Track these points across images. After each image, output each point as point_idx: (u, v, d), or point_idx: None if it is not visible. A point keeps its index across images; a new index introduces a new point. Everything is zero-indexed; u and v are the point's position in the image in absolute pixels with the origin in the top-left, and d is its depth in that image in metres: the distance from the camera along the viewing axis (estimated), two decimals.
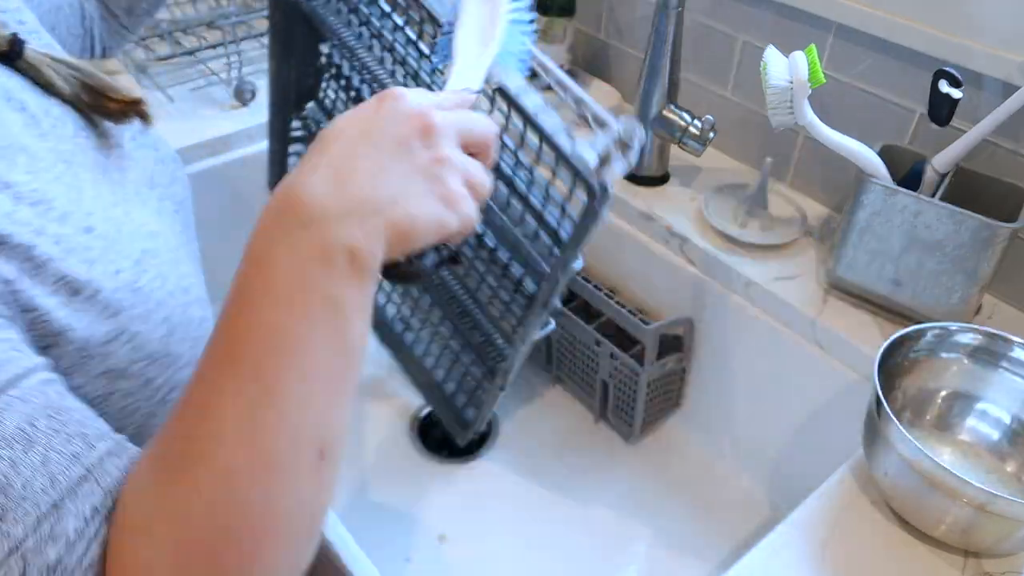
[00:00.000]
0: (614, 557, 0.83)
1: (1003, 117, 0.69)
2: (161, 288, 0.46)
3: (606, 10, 1.09)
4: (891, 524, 0.62)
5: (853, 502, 0.64)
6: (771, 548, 0.60)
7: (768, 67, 0.74)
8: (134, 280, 0.44)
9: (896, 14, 0.78)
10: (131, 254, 0.45)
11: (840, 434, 0.79)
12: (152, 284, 0.45)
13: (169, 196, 0.55)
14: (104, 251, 0.43)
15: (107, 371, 0.42)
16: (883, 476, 0.61)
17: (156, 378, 0.45)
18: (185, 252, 0.53)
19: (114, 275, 0.43)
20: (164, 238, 0.50)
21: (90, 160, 0.48)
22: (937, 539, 0.60)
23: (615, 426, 0.96)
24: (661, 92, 0.91)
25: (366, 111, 0.41)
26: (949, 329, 0.67)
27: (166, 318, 0.45)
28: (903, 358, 0.68)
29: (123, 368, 0.43)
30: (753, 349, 0.86)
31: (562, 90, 0.58)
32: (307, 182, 0.38)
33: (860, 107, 0.85)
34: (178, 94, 1.08)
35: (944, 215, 0.70)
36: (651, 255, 0.93)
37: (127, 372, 0.43)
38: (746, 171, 0.99)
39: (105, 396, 0.43)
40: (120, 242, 0.45)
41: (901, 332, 0.65)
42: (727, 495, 0.90)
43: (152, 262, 0.46)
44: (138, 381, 0.44)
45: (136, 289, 0.44)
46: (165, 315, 0.45)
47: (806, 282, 0.83)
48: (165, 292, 0.46)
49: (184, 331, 0.47)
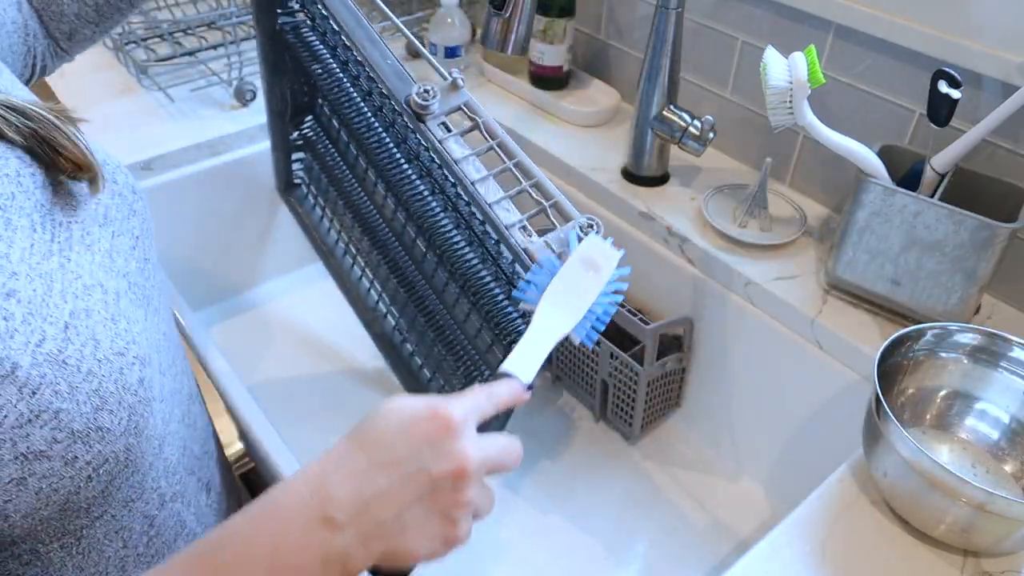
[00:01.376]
0: (614, 557, 0.83)
1: (1002, 117, 0.69)
2: (92, 356, 0.42)
3: (606, 10, 1.09)
4: (891, 524, 0.62)
5: (853, 502, 0.64)
6: (771, 548, 0.60)
7: (768, 67, 0.74)
8: (59, 351, 0.40)
9: (896, 14, 0.78)
10: (59, 318, 0.41)
11: (840, 434, 0.79)
12: (81, 352, 0.41)
13: (125, 231, 0.52)
14: (26, 319, 0.40)
15: (22, 455, 0.39)
16: (882, 476, 0.61)
17: (81, 456, 0.41)
18: (129, 301, 0.49)
19: (36, 347, 0.39)
20: (103, 291, 0.46)
21: (32, 202, 0.45)
22: (937, 539, 0.60)
23: (615, 426, 0.96)
24: (661, 92, 0.91)
25: (411, 424, 0.42)
26: (948, 329, 0.67)
27: (95, 390, 0.42)
28: (902, 358, 0.68)
29: (41, 450, 0.39)
30: (753, 349, 0.87)
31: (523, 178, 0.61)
32: (339, 492, 0.40)
33: (859, 107, 0.85)
34: (178, 94, 1.09)
35: (943, 215, 0.70)
36: (651, 255, 0.93)
37: (46, 454, 0.39)
38: (746, 171, 0.99)
39: (19, 480, 0.39)
40: (47, 306, 0.41)
41: (900, 332, 0.65)
42: (727, 495, 0.90)
43: (83, 324, 0.43)
44: (59, 462, 0.40)
45: (61, 362, 0.40)
46: (95, 387, 0.42)
47: (806, 282, 0.83)
48: (95, 360, 0.42)
49: (117, 400, 0.43)
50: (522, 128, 1.07)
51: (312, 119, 0.88)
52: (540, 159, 1.05)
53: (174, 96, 1.08)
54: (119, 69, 1.13)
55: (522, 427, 0.96)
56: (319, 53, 0.74)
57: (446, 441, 0.42)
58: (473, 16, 1.25)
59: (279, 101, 0.85)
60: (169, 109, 1.06)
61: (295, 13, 0.77)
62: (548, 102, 1.10)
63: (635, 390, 0.89)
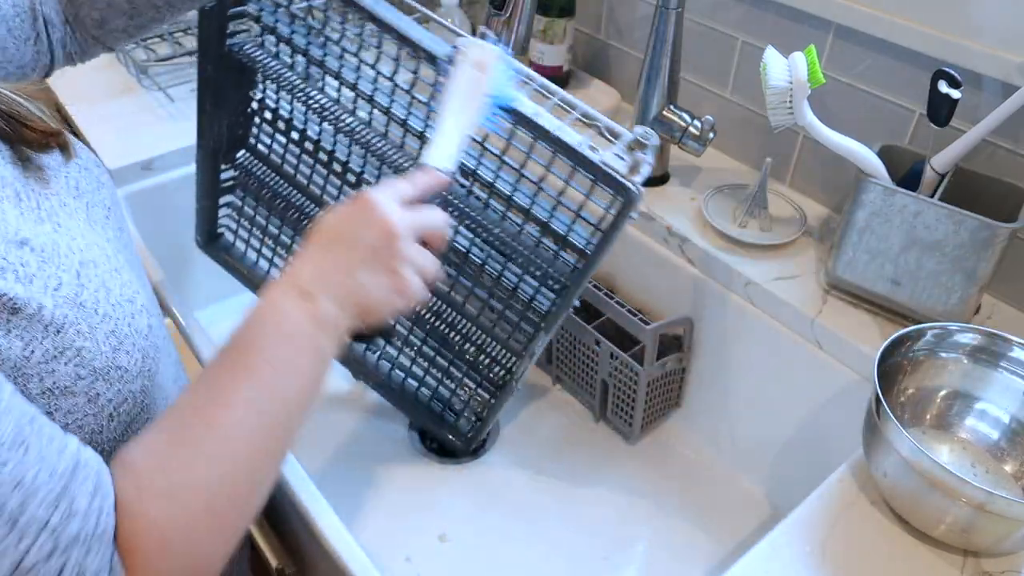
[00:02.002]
0: (614, 557, 0.83)
1: (1002, 117, 0.69)
2: (105, 300, 0.45)
3: (606, 10, 1.09)
4: (891, 524, 0.62)
5: (853, 502, 0.64)
6: (771, 548, 0.60)
7: (768, 68, 0.74)
8: (75, 295, 0.44)
9: (896, 14, 0.78)
10: (70, 267, 0.44)
11: (839, 434, 0.79)
12: (96, 297, 0.45)
13: (98, 203, 0.54)
14: (40, 267, 0.42)
15: (48, 390, 0.42)
16: (883, 476, 0.61)
17: (103, 394, 0.45)
18: (124, 259, 0.52)
19: (55, 291, 0.42)
20: (100, 247, 0.49)
21: (8, 175, 0.46)
22: (937, 539, 0.60)
23: (615, 426, 0.96)
24: (661, 92, 0.91)
25: (343, 215, 0.53)
26: (948, 329, 0.67)
27: (112, 331, 0.45)
28: (902, 358, 0.68)
29: (67, 386, 0.43)
30: (753, 349, 0.86)
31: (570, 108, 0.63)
32: (303, 271, 0.51)
33: (859, 107, 0.85)
34: (178, 94, 1.09)
35: (943, 215, 0.70)
36: (651, 255, 0.93)
37: (71, 390, 0.43)
38: (746, 171, 0.99)
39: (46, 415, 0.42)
40: (57, 256, 0.44)
41: (900, 332, 0.65)
42: (727, 495, 0.90)
43: (92, 273, 0.46)
44: (83, 398, 0.44)
45: (79, 304, 0.43)
46: (111, 328, 0.45)
47: (806, 282, 0.83)
48: (109, 305, 0.46)
49: (132, 343, 0.46)
50: None
51: (245, 151, 0.86)
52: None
53: (174, 96, 1.08)
54: (119, 69, 1.13)
55: (522, 427, 0.96)
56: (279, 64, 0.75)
57: (370, 213, 0.52)
58: (473, 16, 1.24)
59: (215, 138, 0.83)
60: (169, 109, 1.06)
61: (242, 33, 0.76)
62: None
63: (635, 390, 0.89)
